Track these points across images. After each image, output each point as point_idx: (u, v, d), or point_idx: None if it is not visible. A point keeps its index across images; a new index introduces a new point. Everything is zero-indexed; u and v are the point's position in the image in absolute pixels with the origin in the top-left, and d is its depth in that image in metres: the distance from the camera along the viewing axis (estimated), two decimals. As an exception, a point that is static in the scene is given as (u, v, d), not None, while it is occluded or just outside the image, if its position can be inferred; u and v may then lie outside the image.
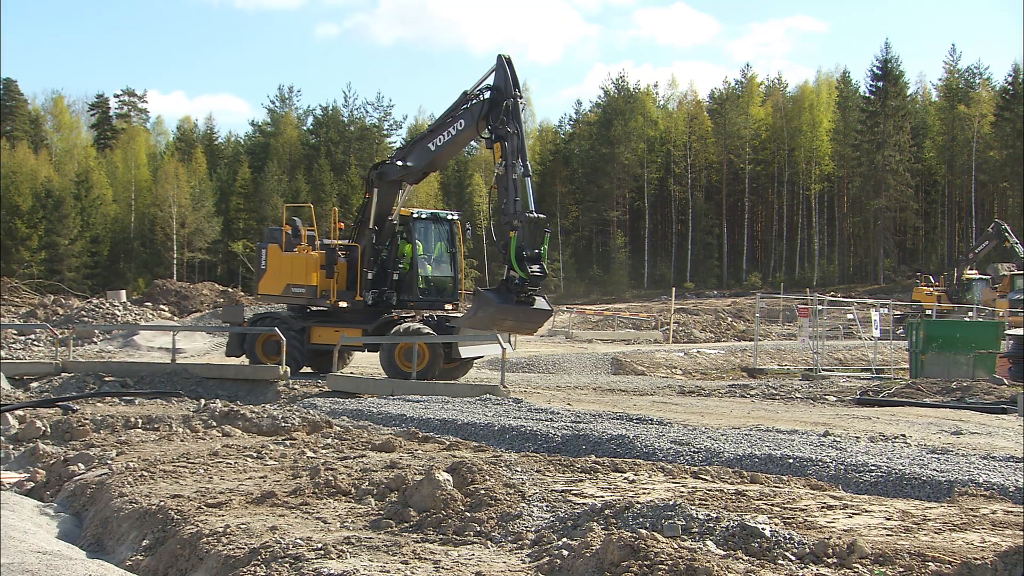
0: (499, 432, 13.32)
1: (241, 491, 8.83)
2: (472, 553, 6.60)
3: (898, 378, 25.85)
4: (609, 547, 5.62)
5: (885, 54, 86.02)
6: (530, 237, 18.76)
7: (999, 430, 13.70)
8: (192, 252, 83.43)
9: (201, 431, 13.29)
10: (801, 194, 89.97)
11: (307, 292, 22.18)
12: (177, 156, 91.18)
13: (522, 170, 19.17)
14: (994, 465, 10.13)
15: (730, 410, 16.75)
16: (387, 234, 22.17)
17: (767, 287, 72.15)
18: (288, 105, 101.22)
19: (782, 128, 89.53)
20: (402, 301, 22.16)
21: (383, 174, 21.79)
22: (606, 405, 17.26)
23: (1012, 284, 45.48)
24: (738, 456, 10.80)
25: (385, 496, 8.32)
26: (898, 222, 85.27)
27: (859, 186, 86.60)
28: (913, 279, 57.98)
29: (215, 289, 51.46)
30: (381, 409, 15.93)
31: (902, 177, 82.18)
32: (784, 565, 5.86)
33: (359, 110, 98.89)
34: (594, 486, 8.55)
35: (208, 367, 23.32)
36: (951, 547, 6.26)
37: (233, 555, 6.71)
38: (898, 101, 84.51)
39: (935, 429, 13.76)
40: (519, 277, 18.62)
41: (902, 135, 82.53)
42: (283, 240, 22.60)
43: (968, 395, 19.22)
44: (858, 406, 18.63)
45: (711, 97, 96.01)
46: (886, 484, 9.48)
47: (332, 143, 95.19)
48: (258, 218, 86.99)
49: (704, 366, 31.14)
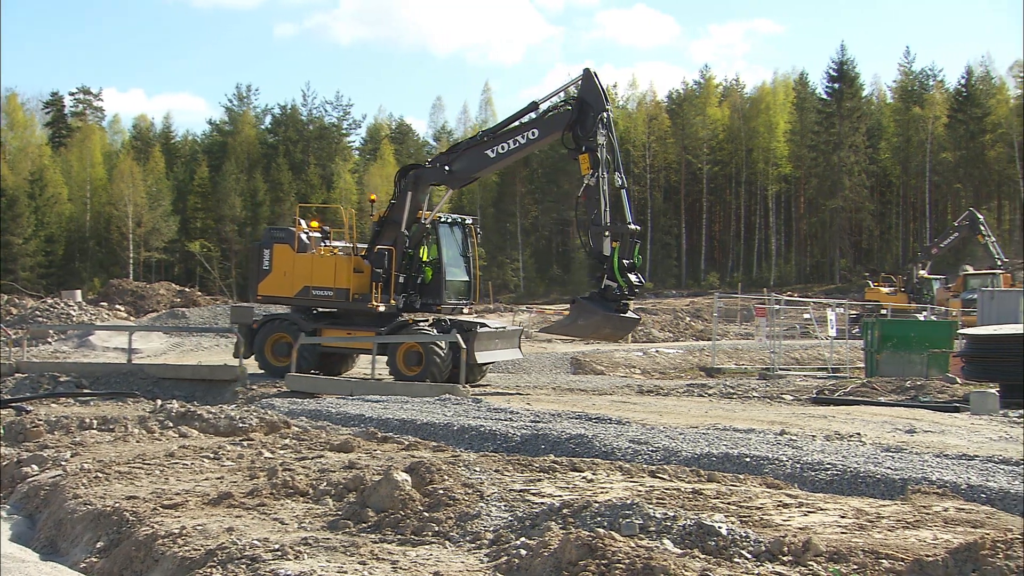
0: (458, 432, 13.31)
1: (197, 492, 8.76)
2: (430, 553, 6.60)
3: (853, 377, 26.11)
4: (567, 546, 5.63)
5: (841, 56, 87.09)
6: (627, 248, 19.49)
7: (952, 428, 13.87)
8: (149, 251, 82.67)
9: (157, 432, 13.17)
10: (759, 194, 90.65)
11: (335, 295, 21.75)
12: (133, 155, 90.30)
13: (620, 182, 19.92)
14: (947, 463, 10.26)
15: (688, 409, 16.83)
16: (416, 238, 21.93)
17: (725, 287, 72.64)
18: (246, 104, 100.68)
19: (740, 129, 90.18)
20: (426, 304, 22.06)
21: (420, 178, 21.61)
22: (565, 405, 17.29)
23: (965, 284, 46.02)
24: (696, 455, 10.86)
25: (343, 496, 8.29)
26: (854, 222, 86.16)
27: (815, 187, 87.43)
28: (867, 279, 58.53)
29: (172, 289, 51.03)
30: (340, 409, 15.85)
31: (858, 178, 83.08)
32: (740, 563, 5.90)
33: (318, 110, 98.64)
34: (552, 485, 8.57)
35: (164, 367, 23.12)
36: (904, 544, 6.34)
37: (189, 556, 6.66)
38: (854, 103, 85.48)
39: (889, 428, 13.91)
40: (618, 286, 19.30)
41: (857, 136, 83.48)
42: (295, 241, 22.20)
43: (922, 394, 19.44)
44: (814, 405, 18.78)
45: (669, 98, 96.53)
46: (841, 482, 9.57)
47: (291, 142, 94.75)
48: (216, 217, 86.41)
49: (662, 365, 31.28)
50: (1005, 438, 12.83)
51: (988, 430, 13.71)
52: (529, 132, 20.68)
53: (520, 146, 20.87)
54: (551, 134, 20.60)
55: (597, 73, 20.24)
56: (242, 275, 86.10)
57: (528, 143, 20.82)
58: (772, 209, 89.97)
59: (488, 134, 21.65)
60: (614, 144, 20.02)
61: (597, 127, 19.68)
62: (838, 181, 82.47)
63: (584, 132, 19.77)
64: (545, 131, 20.56)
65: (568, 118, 20.02)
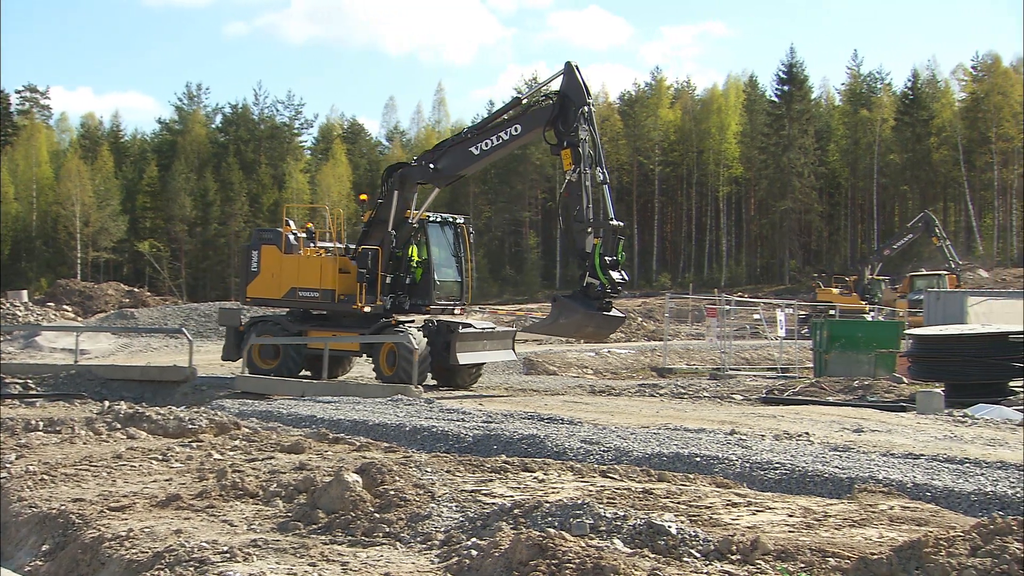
0: (410, 433, 13.29)
1: (145, 494, 8.67)
2: (381, 554, 6.58)
3: (802, 377, 26.39)
4: (517, 546, 5.64)
5: (790, 59, 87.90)
6: (609, 244, 19.07)
7: (898, 428, 14.06)
8: (97, 251, 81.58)
9: (105, 433, 13.01)
10: (710, 195, 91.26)
11: (322, 296, 21.44)
12: (80, 153, 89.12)
13: (601, 178, 19.49)
14: (893, 462, 10.40)
15: (639, 409, 16.92)
16: (404, 237, 21.62)
17: (676, 287, 72.99)
18: (196, 103, 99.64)
19: (691, 130, 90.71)
20: (415, 305, 21.71)
21: (406, 176, 21.30)
22: (517, 405, 17.31)
23: (912, 285, 46.65)
24: (647, 455, 10.92)
25: (293, 498, 8.24)
26: (803, 224, 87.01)
27: (765, 188, 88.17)
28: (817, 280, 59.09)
29: (120, 289, 50.53)
30: (291, 410, 15.77)
31: (807, 179, 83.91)
32: (689, 562, 5.95)
33: (269, 109, 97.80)
34: (504, 486, 8.58)
35: (113, 368, 22.86)
36: (850, 543, 6.42)
37: (136, 559, 6.60)
38: (803, 105, 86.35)
39: (837, 427, 14.06)
40: (600, 284, 18.86)
41: (807, 138, 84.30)
42: (283, 242, 21.92)
43: (869, 393, 19.70)
44: (764, 405, 18.96)
45: (621, 99, 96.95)
46: (790, 481, 9.67)
47: (242, 142, 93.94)
48: (165, 217, 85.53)
49: (615, 366, 31.43)
50: (950, 437, 13.02)
51: (934, 429, 13.91)
52: (512, 128, 20.47)
53: (503, 142, 20.62)
54: (533, 129, 20.34)
55: (578, 66, 19.94)
56: (192, 275, 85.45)
57: (511, 139, 20.56)
58: (723, 210, 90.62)
59: (472, 131, 21.45)
60: (596, 139, 19.75)
61: (579, 122, 19.43)
62: (788, 183, 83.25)
63: (566, 127, 19.52)
64: (527, 126, 20.35)
65: (549, 113, 19.80)
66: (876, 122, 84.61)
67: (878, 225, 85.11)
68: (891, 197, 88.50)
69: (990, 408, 16.56)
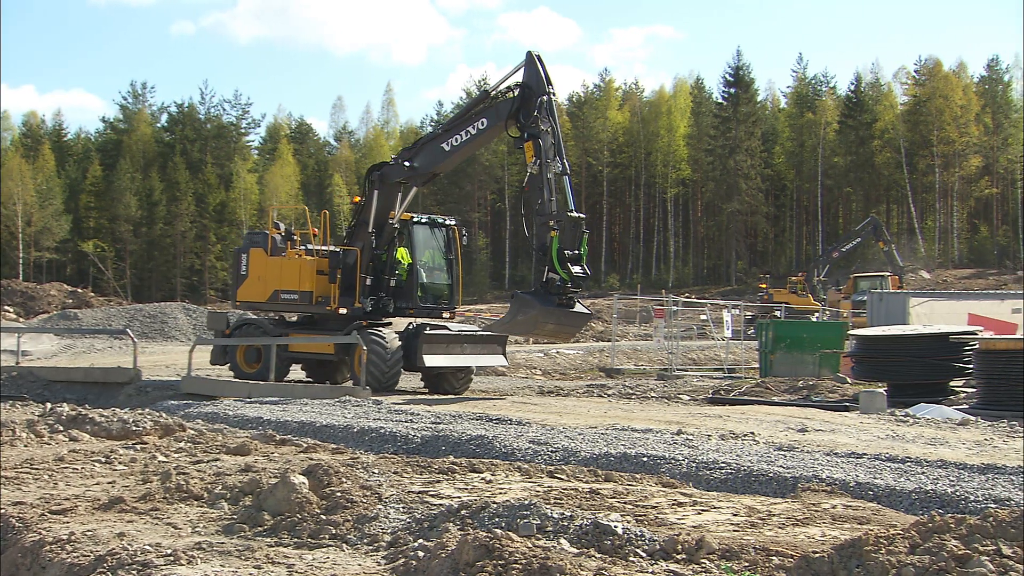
0: (358, 434, 13.23)
1: (88, 497, 8.56)
2: (327, 556, 6.56)
3: (748, 377, 26.66)
4: (464, 547, 5.65)
5: (737, 62, 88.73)
6: (570, 237, 18.29)
7: (842, 427, 14.22)
8: (39, 251, 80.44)
9: (46, 436, 12.82)
10: (658, 197, 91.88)
11: (300, 298, 21.01)
12: (22, 152, 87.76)
13: (560, 168, 18.76)
14: (836, 461, 10.52)
15: (588, 410, 16.97)
16: (386, 239, 21.11)
17: (624, 288, 73.41)
18: (142, 102, 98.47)
19: (639, 132, 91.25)
20: (399, 308, 21.27)
21: (385, 176, 20.86)
22: (466, 406, 17.29)
23: (855, 286, 47.29)
24: (594, 455, 10.96)
25: (239, 500, 8.18)
26: (749, 225, 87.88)
27: (712, 190, 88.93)
28: (767, 279, 59.71)
29: (63, 290, 49.85)
30: (238, 412, 15.64)
31: (753, 181, 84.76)
32: (635, 562, 5.98)
33: (216, 108, 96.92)
34: (451, 487, 8.58)
35: (55, 370, 22.53)
36: (793, 541, 6.49)
37: (77, 563, 6.51)
38: (749, 107, 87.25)
39: (782, 427, 14.19)
40: (560, 278, 18.14)
41: (753, 140, 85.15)
42: (269, 244, 21.53)
43: (814, 393, 19.93)
44: (710, 405, 19.10)
45: (570, 100, 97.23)
46: (735, 481, 9.75)
47: (188, 141, 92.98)
48: (110, 217, 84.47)
49: (563, 366, 31.54)
50: (892, 436, 13.20)
51: (876, 429, 14.08)
52: (479, 122, 20.00)
53: (471, 137, 20.14)
54: (500, 122, 19.87)
55: (540, 56, 19.47)
56: (137, 275, 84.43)
57: (479, 133, 20.04)
58: (671, 212, 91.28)
59: (443, 127, 21.13)
60: (556, 130, 19.21)
61: (540, 112, 18.94)
62: (734, 184, 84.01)
63: (527, 119, 19.03)
64: (492, 119, 19.88)
65: (511, 105, 19.39)
66: (821, 125, 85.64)
67: (823, 227, 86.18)
68: (835, 199, 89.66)
69: (931, 408, 16.81)
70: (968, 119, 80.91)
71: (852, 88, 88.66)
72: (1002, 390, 17.00)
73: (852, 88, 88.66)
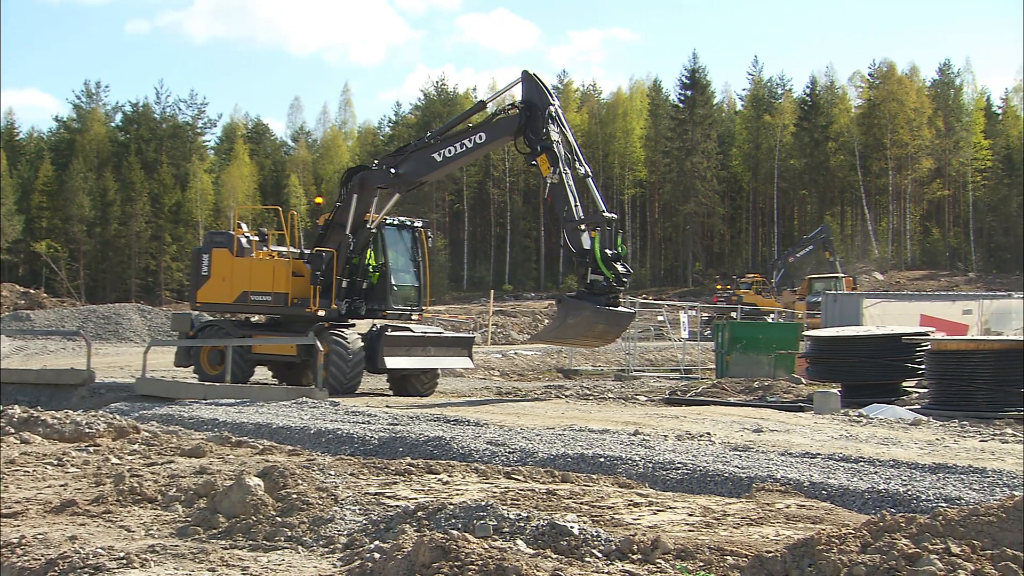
0: (315, 435, 13.18)
1: (39, 500, 8.47)
2: (282, 558, 6.53)
3: (705, 378, 26.81)
4: (420, 549, 5.65)
5: (693, 64, 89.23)
6: (608, 237, 18.39)
7: (796, 427, 14.35)
8: (-10, 252, 79.26)
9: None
10: (615, 198, 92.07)
11: (274, 300, 20.75)
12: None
13: (583, 171, 19.07)
14: (791, 461, 10.62)
15: (545, 411, 17.00)
16: (362, 242, 20.98)
17: (582, 289, 73.38)
18: (96, 101, 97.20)
19: (597, 134, 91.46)
20: (371, 310, 21.19)
21: (366, 181, 20.66)
22: (424, 407, 17.28)
23: (810, 287, 47.75)
24: (551, 456, 10.99)
25: (193, 503, 8.12)
26: (706, 227, 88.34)
27: (669, 191, 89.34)
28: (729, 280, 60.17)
29: (15, 290, 49.24)
30: (193, 414, 15.52)
31: (710, 183, 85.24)
32: (591, 562, 6.01)
33: (171, 108, 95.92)
34: (408, 488, 8.57)
35: (7, 371, 22.21)
36: (748, 541, 6.55)
37: (28, 567, 6.43)
38: (705, 110, 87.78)
39: (738, 427, 14.30)
40: (605, 278, 18.14)
41: (709, 143, 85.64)
42: (234, 245, 21.22)
43: (769, 394, 20.08)
44: (667, 405, 19.19)
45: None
46: (691, 481, 9.81)
47: (143, 140, 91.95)
48: (63, 217, 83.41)
49: (521, 367, 31.57)
50: (846, 436, 13.34)
51: (830, 429, 14.23)
52: (476, 136, 20.01)
53: (468, 150, 20.16)
54: (500, 139, 20.06)
55: (536, 74, 19.77)
56: (91, 276, 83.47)
57: (476, 147, 20.10)
58: (628, 213, 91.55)
59: (435, 136, 20.92)
60: (568, 136, 19.38)
61: (548, 124, 19.08)
62: (691, 186, 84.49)
63: (536, 134, 19.17)
64: (493, 136, 20.01)
65: (517, 123, 19.49)
66: (777, 127, 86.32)
67: (778, 228, 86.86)
68: (791, 201, 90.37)
69: (884, 408, 17.01)
70: (921, 122, 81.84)
71: (807, 91, 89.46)
72: (953, 390, 17.23)
73: (807, 91, 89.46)
